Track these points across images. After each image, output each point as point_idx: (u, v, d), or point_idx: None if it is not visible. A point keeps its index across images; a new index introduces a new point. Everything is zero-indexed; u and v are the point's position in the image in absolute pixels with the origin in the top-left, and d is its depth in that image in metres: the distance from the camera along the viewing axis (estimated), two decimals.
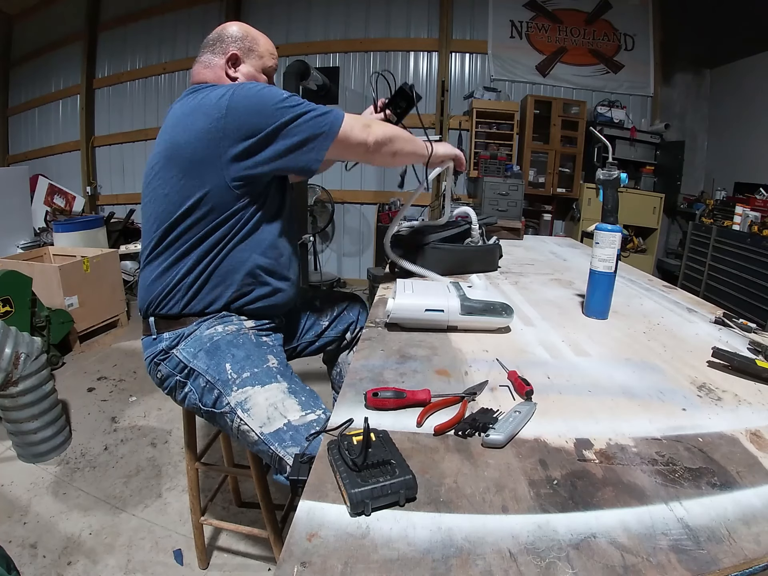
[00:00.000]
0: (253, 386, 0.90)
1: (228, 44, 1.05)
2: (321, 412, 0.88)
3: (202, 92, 0.95)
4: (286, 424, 0.85)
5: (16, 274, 2.39)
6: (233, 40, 1.05)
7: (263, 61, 1.08)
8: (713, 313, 1.16)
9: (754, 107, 3.78)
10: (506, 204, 3.85)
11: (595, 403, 0.73)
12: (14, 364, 1.68)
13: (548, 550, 0.45)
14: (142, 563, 1.39)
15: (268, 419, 0.86)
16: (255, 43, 1.07)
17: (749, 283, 3.08)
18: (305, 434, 0.83)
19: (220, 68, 1.05)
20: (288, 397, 0.89)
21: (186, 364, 0.97)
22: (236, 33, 1.06)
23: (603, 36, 4.30)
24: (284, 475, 0.85)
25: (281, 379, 0.93)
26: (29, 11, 5.00)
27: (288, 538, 0.46)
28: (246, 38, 1.06)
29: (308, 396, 0.91)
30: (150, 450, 1.94)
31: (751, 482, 0.56)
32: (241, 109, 0.90)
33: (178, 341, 1.00)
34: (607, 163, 1.09)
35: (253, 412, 0.88)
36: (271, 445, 0.85)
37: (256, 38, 1.08)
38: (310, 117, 0.93)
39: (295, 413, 0.86)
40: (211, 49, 1.06)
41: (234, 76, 1.05)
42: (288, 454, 0.83)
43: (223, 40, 1.05)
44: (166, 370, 1.01)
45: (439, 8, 4.25)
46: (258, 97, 0.91)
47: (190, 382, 0.97)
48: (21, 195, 3.73)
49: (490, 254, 1.54)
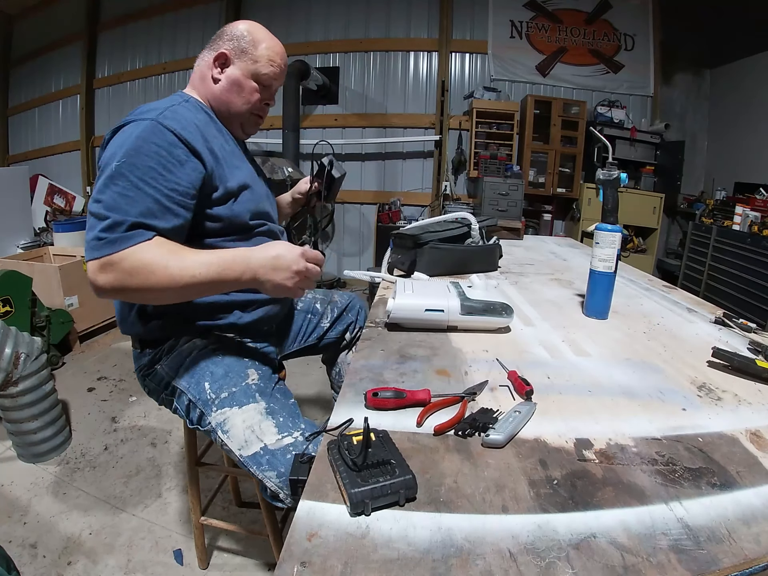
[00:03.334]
0: (231, 407, 0.89)
1: (223, 42, 0.98)
2: (299, 433, 0.86)
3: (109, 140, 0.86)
4: (263, 448, 0.84)
5: (16, 274, 2.39)
6: (230, 38, 0.98)
7: (257, 66, 0.98)
8: (713, 313, 1.16)
9: (754, 107, 3.78)
10: (506, 204, 3.85)
11: (595, 403, 0.73)
12: (14, 364, 1.68)
13: (548, 550, 0.45)
14: (142, 563, 1.39)
15: (245, 442, 0.85)
16: (253, 45, 0.97)
17: (749, 283, 3.08)
18: (282, 458, 0.83)
19: (207, 67, 0.99)
20: (265, 419, 0.87)
21: (169, 381, 0.97)
22: (237, 31, 0.98)
23: (603, 36, 4.30)
24: (267, 495, 0.86)
25: (260, 398, 0.90)
26: (29, 11, 5.01)
27: (288, 538, 0.46)
28: (244, 38, 0.97)
29: (287, 416, 0.89)
30: (150, 450, 1.94)
31: (751, 482, 0.56)
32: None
33: (160, 356, 0.99)
34: (607, 163, 1.09)
35: (231, 434, 0.87)
36: (250, 467, 0.85)
37: (258, 40, 0.98)
38: (97, 230, 0.77)
39: (272, 437, 0.85)
40: (210, 44, 1.00)
41: (217, 78, 0.98)
42: (266, 477, 0.83)
43: (222, 36, 0.99)
44: (152, 385, 1.02)
45: (439, 8, 4.25)
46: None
47: (176, 400, 0.97)
48: (21, 195, 3.73)
49: (490, 254, 1.54)
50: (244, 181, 0.96)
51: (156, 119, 0.83)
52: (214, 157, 0.91)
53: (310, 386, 2.44)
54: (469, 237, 1.50)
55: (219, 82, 0.98)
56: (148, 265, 0.76)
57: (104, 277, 0.77)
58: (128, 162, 0.79)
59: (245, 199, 0.96)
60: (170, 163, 0.82)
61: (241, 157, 1.03)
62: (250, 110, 1.02)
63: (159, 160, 0.81)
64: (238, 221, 0.95)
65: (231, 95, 0.99)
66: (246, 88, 0.99)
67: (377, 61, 4.42)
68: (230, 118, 1.02)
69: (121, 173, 0.78)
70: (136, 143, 0.80)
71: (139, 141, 0.81)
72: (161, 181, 0.81)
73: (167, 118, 0.85)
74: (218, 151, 0.92)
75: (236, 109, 1.00)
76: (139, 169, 0.79)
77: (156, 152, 0.81)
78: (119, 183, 0.78)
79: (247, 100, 1.00)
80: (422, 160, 4.49)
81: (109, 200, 0.78)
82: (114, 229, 0.76)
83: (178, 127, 0.84)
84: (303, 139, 4.09)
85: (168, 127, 0.83)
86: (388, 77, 4.42)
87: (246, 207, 0.96)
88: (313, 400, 2.31)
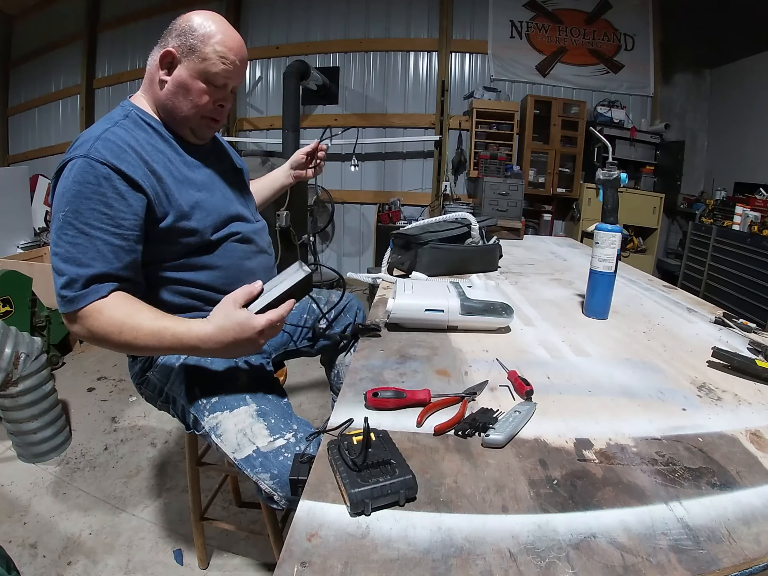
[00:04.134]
0: (222, 411, 0.89)
1: (171, 38, 0.87)
2: (291, 435, 0.86)
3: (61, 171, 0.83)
4: (255, 451, 0.84)
5: (16, 274, 2.39)
6: (179, 33, 0.87)
7: (205, 65, 0.86)
8: (713, 313, 1.16)
9: (754, 107, 3.78)
10: (506, 204, 3.85)
11: (595, 403, 0.73)
12: (14, 364, 1.68)
13: (548, 550, 0.45)
14: (142, 563, 1.39)
15: (238, 446, 0.85)
16: (202, 41, 0.85)
17: (749, 283, 3.08)
18: (274, 460, 0.82)
19: (155, 68, 0.89)
20: (256, 422, 0.87)
21: (162, 387, 0.97)
22: (187, 26, 0.86)
23: (603, 36, 4.30)
24: (263, 496, 0.85)
25: (251, 400, 0.90)
26: (29, 11, 5.00)
27: (288, 538, 0.46)
28: (193, 33, 0.85)
29: (279, 417, 0.89)
30: (150, 450, 1.94)
31: (751, 482, 0.56)
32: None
33: (149, 364, 0.99)
34: (607, 163, 1.09)
35: (224, 438, 0.87)
36: (245, 470, 0.85)
37: (209, 35, 0.86)
38: (58, 288, 0.78)
39: (264, 439, 0.85)
40: (160, 41, 0.89)
41: (163, 79, 0.89)
42: (260, 479, 0.83)
43: (171, 32, 0.88)
44: (147, 392, 1.02)
45: (439, 8, 4.25)
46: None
47: (171, 406, 0.98)
48: (21, 195, 3.72)
49: (490, 254, 1.54)
50: (198, 197, 0.91)
51: (87, 155, 0.79)
52: (158, 179, 0.86)
53: (310, 386, 2.44)
54: (469, 237, 1.50)
55: (165, 85, 0.89)
56: (104, 328, 0.78)
57: (75, 327, 0.80)
58: (71, 210, 0.78)
59: (202, 215, 0.91)
60: (111, 198, 0.80)
61: (194, 165, 0.96)
62: (199, 114, 0.91)
63: (99, 198, 0.79)
64: (198, 239, 0.91)
65: (177, 99, 0.89)
66: (193, 90, 0.88)
67: (377, 61, 4.42)
68: (178, 124, 0.93)
69: (68, 222, 0.78)
70: (72, 187, 0.79)
71: (75, 185, 0.79)
72: (105, 220, 0.79)
73: (99, 149, 0.80)
74: (162, 171, 0.87)
75: (183, 114, 0.90)
76: (82, 215, 0.78)
77: (94, 191, 0.79)
78: (68, 232, 0.78)
79: (194, 104, 0.89)
80: (422, 160, 4.49)
81: (63, 252, 0.78)
82: (71, 286, 0.77)
83: (111, 157, 0.80)
84: (303, 139, 4.08)
85: (100, 161, 0.79)
86: (388, 77, 4.42)
87: (203, 223, 0.91)
88: (313, 401, 2.31)
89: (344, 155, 4.52)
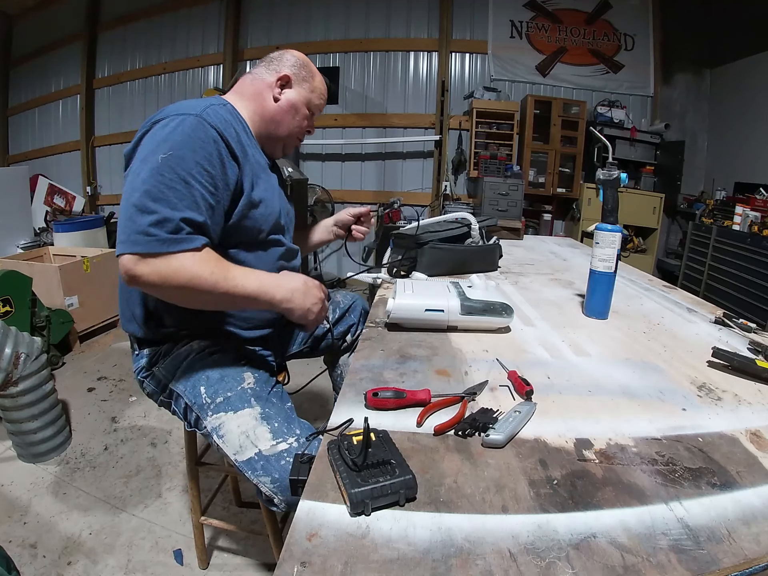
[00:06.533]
0: (226, 412, 0.89)
1: (284, 66, 1.03)
2: (293, 439, 0.86)
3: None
4: (257, 454, 0.84)
5: (16, 274, 2.39)
6: (292, 64, 1.04)
7: (312, 96, 1.05)
8: (713, 313, 1.16)
9: (754, 107, 3.78)
10: (506, 204, 3.85)
11: (595, 403, 0.73)
12: (14, 364, 1.68)
13: (548, 550, 0.45)
14: (142, 563, 1.39)
15: (240, 447, 0.85)
16: (311, 77, 1.06)
17: (749, 283, 3.08)
18: (276, 464, 0.82)
19: (267, 86, 1.02)
20: (260, 425, 0.87)
21: (166, 384, 0.97)
22: (297, 60, 1.05)
23: (603, 36, 4.30)
24: (263, 499, 0.86)
25: (255, 402, 0.90)
26: (29, 11, 5.00)
27: (288, 538, 0.46)
28: (304, 67, 1.05)
29: (282, 421, 0.88)
30: (150, 450, 1.94)
31: (751, 482, 0.56)
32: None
33: (157, 358, 0.99)
34: (607, 163, 1.09)
35: (226, 438, 0.87)
36: (245, 472, 0.85)
37: (314, 73, 1.07)
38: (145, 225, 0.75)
39: (266, 442, 0.84)
40: (266, 65, 1.04)
41: (278, 97, 1.02)
42: (261, 482, 0.83)
43: (282, 61, 1.04)
44: (150, 388, 1.02)
45: (439, 8, 4.25)
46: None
47: (173, 403, 0.98)
48: (21, 195, 3.73)
49: (490, 254, 1.54)
50: (267, 193, 0.96)
51: (200, 115, 0.83)
52: (247, 161, 0.91)
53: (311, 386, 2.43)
54: (469, 237, 1.50)
55: (278, 101, 1.02)
56: (194, 265, 0.77)
57: (145, 269, 0.75)
58: (175, 155, 0.78)
59: (266, 211, 0.96)
60: (215, 160, 0.83)
61: (267, 171, 1.03)
62: (295, 134, 1.07)
63: (205, 156, 0.81)
64: (255, 234, 0.95)
65: (286, 116, 1.03)
66: (300, 113, 1.05)
67: (377, 61, 4.41)
68: (275, 137, 1.04)
69: (169, 165, 0.77)
70: (180, 138, 0.80)
71: (184, 136, 0.80)
72: (206, 177, 0.81)
73: (210, 115, 0.84)
74: (251, 157, 0.93)
75: (285, 130, 1.04)
76: (186, 162, 0.78)
77: (202, 147, 0.81)
78: (166, 174, 0.77)
79: (298, 125, 1.06)
80: (422, 160, 4.49)
81: (155, 191, 0.76)
82: (163, 225, 0.75)
83: (221, 125, 0.85)
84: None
85: (212, 124, 0.83)
86: (388, 77, 4.42)
87: (265, 219, 0.96)
88: (313, 400, 2.31)
89: (344, 155, 4.52)
